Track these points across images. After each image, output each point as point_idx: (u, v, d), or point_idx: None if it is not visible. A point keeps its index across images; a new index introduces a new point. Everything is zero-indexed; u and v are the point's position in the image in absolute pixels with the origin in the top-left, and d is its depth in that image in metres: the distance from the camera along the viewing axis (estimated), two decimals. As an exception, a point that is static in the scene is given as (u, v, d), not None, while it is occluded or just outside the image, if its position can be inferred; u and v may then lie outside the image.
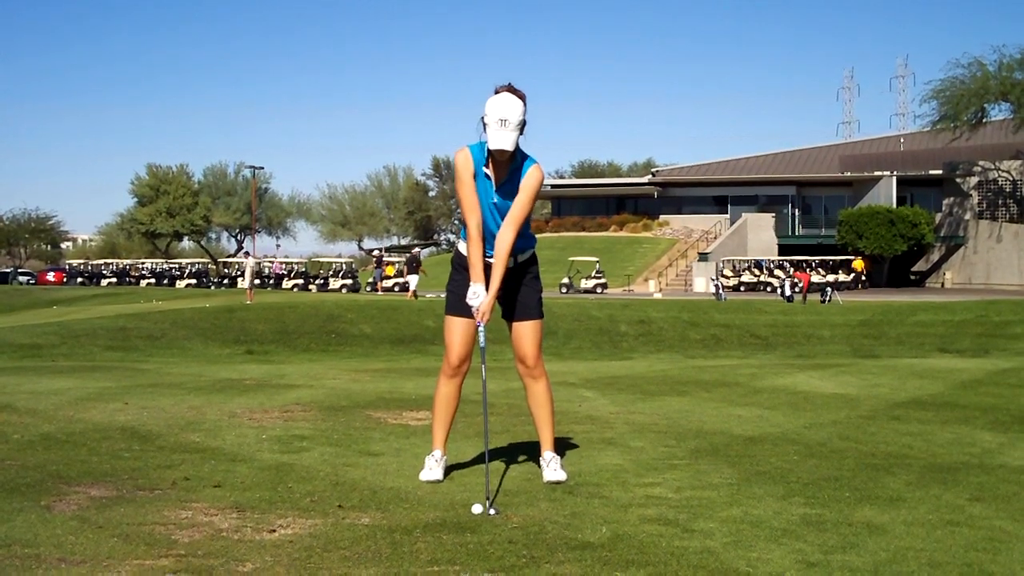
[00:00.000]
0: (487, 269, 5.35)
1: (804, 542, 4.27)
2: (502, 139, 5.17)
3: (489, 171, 5.32)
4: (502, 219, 5.34)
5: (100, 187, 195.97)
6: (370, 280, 56.17)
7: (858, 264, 58.63)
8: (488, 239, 5.39)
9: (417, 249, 51.53)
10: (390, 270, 56.45)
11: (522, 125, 5.24)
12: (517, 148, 5.29)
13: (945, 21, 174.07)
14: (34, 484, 5.23)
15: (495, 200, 5.34)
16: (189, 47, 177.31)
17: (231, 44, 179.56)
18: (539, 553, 4.07)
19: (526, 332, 5.52)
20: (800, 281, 45.72)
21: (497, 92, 5.27)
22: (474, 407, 7.86)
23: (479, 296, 5.28)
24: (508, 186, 5.34)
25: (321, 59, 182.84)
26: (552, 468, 5.47)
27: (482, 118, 5.22)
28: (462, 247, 5.51)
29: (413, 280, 37.43)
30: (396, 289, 52.45)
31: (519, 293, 5.53)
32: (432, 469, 5.48)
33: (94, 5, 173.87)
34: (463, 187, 5.32)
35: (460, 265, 5.53)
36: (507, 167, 5.32)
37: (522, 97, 5.28)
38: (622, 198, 77.99)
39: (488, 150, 5.25)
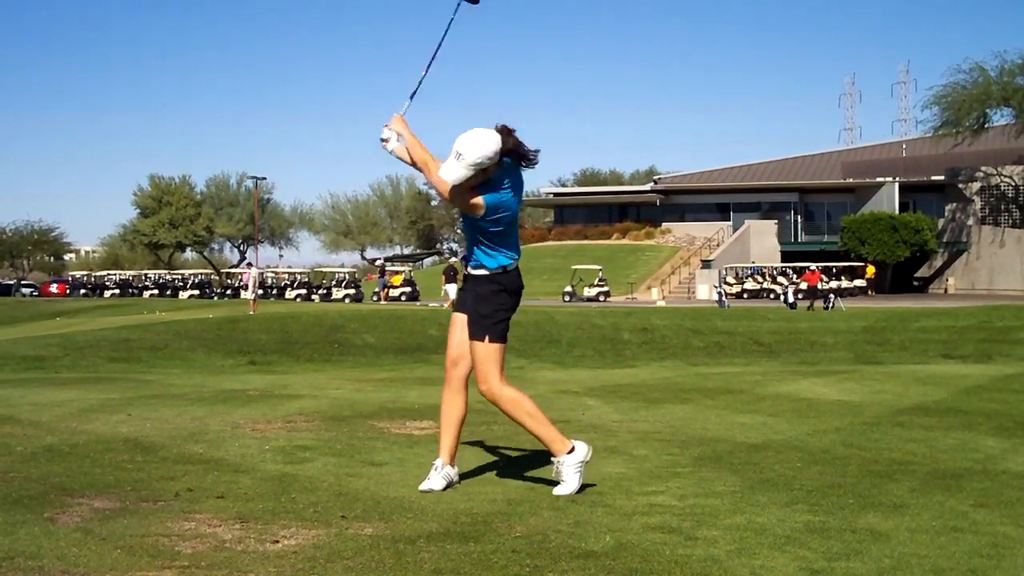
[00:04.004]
0: (467, 280, 5.48)
1: (808, 549, 4.27)
2: (447, 169, 5.20)
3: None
4: (469, 237, 5.44)
5: (102, 198, 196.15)
6: (376, 290, 56.30)
7: (870, 270, 58.69)
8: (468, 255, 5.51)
9: (454, 259, 51.32)
10: (397, 279, 56.46)
11: (480, 167, 5.17)
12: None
13: (946, 27, 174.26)
14: (37, 496, 5.24)
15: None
16: (190, 57, 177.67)
17: (232, 54, 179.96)
18: (543, 562, 4.07)
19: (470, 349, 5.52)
20: (806, 283, 45.57)
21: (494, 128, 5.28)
22: (478, 416, 7.86)
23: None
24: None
25: (322, 69, 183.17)
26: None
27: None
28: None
29: (452, 289, 37.00)
30: (403, 299, 52.45)
31: (465, 305, 5.54)
32: (429, 479, 5.48)
33: (95, 14, 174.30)
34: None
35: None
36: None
37: (508, 133, 5.24)
38: (625, 206, 78.01)
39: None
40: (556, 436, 5.44)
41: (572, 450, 5.41)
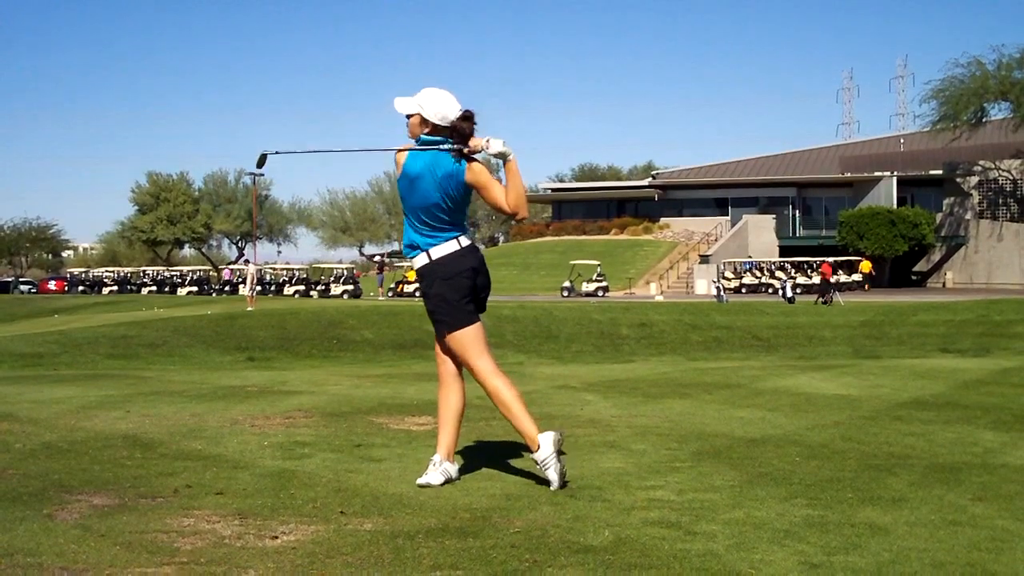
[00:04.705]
0: (420, 277, 5.51)
1: (807, 543, 4.27)
2: (401, 98, 5.44)
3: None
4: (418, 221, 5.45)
5: (100, 195, 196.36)
6: (392, 285, 56.58)
7: (865, 266, 58.68)
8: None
9: None
10: (411, 275, 56.50)
11: (423, 114, 5.36)
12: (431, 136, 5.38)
13: (944, 21, 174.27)
14: (36, 493, 5.24)
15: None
16: (188, 54, 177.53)
17: (230, 51, 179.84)
18: (542, 557, 4.07)
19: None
20: (821, 275, 45.30)
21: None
22: (476, 412, 7.85)
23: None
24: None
25: (320, 65, 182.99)
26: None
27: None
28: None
29: None
30: (417, 295, 52.49)
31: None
32: (427, 474, 5.48)
33: (93, 11, 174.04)
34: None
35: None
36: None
37: (466, 118, 5.36)
38: (623, 201, 78.07)
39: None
40: (528, 431, 5.37)
41: (539, 447, 5.36)
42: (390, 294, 53.45)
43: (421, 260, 5.44)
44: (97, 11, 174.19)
